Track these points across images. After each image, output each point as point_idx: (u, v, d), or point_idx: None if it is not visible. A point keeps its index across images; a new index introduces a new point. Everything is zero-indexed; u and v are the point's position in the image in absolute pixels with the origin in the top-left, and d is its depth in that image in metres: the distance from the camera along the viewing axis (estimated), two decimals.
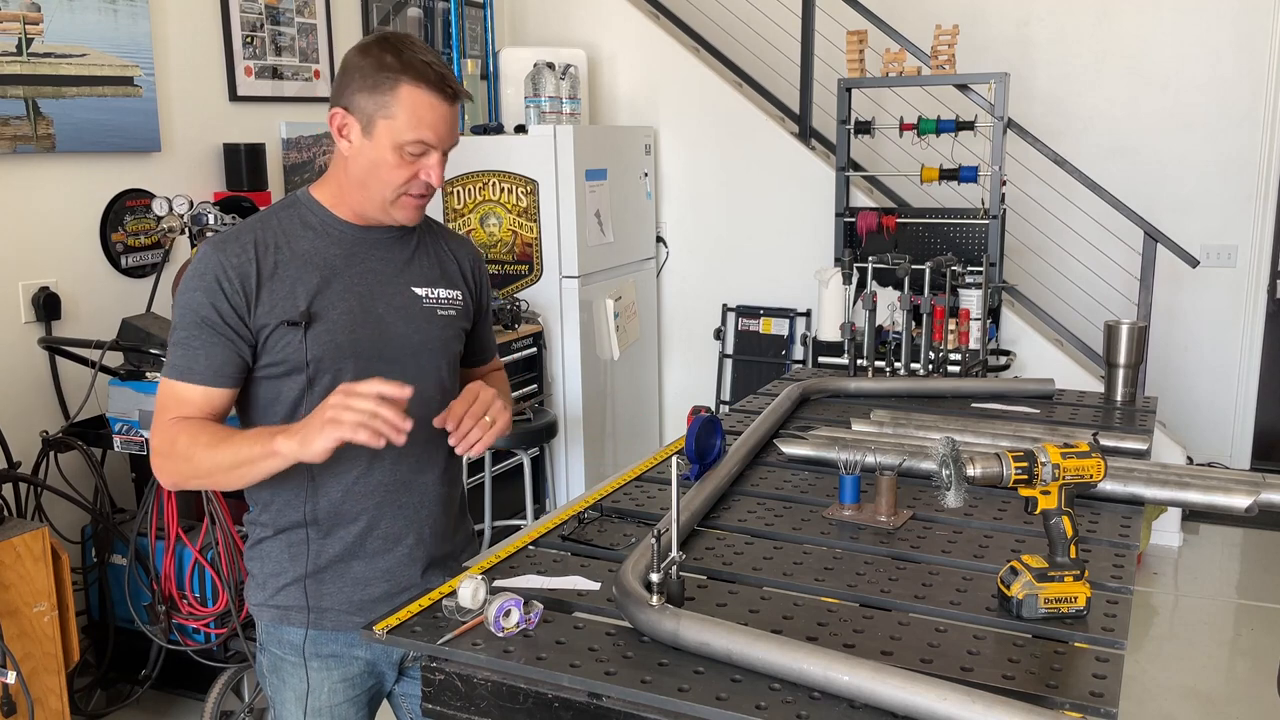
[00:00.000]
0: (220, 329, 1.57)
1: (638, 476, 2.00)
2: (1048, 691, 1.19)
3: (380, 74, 1.56)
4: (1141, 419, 2.36)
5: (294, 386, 1.61)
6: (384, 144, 1.58)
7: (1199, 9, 4.88)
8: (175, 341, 1.59)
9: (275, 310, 1.59)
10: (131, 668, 3.04)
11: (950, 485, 1.40)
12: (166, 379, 1.60)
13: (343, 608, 1.67)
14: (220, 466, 1.53)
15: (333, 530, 1.66)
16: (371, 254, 1.69)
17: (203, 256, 1.59)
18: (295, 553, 1.67)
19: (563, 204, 4.25)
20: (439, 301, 1.74)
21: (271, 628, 1.70)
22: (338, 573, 1.67)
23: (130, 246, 3.41)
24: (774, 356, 4.96)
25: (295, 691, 1.69)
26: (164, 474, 1.60)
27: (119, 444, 2.97)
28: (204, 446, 1.53)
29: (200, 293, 1.57)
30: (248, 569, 1.73)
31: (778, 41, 5.14)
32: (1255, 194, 4.93)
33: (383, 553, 1.69)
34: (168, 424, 1.58)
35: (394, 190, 1.61)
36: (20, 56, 3.02)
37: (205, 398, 1.58)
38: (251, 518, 1.71)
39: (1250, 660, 3.61)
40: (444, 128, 1.59)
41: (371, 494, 1.66)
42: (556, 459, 4.42)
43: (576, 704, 1.22)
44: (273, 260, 1.60)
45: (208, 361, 1.57)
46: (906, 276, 3.18)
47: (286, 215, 1.67)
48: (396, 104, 1.56)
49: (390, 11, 4.52)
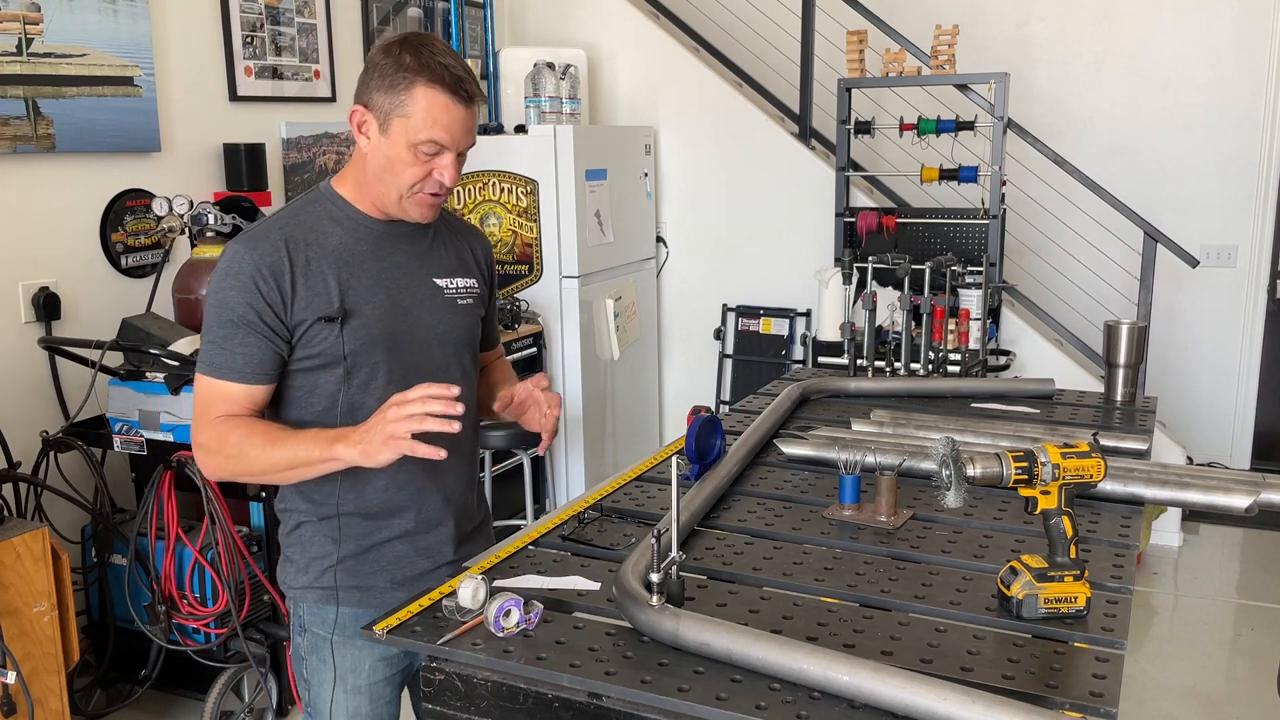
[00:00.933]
0: (258, 327, 1.60)
1: (638, 476, 2.00)
2: (1048, 691, 1.19)
3: (398, 73, 1.59)
4: (1141, 419, 2.36)
5: (331, 379, 1.66)
6: (399, 142, 1.61)
7: (1199, 9, 4.88)
8: (212, 340, 1.61)
9: (311, 306, 1.62)
10: (131, 668, 3.04)
11: (950, 485, 1.40)
12: (204, 376, 1.62)
13: (385, 585, 1.73)
14: (275, 466, 1.57)
15: (375, 516, 1.72)
16: (396, 247, 1.73)
17: (234, 255, 1.62)
18: (337, 536, 1.72)
19: (563, 204, 4.25)
20: (459, 291, 1.79)
21: (315, 609, 1.74)
22: (380, 553, 1.73)
23: (130, 246, 3.41)
24: (774, 356, 4.96)
25: (336, 670, 1.73)
26: (209, 468, 1.64)
27: (119, 444, 2.97)
28: (259, 446, 1.57)
29: (235, 292, 1.60)
30: (285, 554, 1.77)
31: (778, 41, 5.14)
32: (1255, 194, 4.93)
33: (423, 533, 1.75)
34: (214, 421, 1.61)
35: (408, 188, 1.64)
36: (20, 56, 3.02)
37: (247, 394, 1.62)
38: (288, 504, 1.75)
39: (1250, 660, 3.61)
40: (458, 129, 1.62)
41: (412, 481, 1.73)
42: (556, 459, 4.42)
43: (576, 704, 1.22)
44: (304, 257, 1.64)
45: (246, 360, 1.60)
46: (906, 276, 3.18)
47: (312, 211, 1.70)
48: (412, 103, 1.58)
49: (390, 11, 4.52)
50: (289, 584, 1.76)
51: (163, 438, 2.92)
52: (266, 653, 2.95)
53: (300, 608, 1.76)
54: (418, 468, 1.71)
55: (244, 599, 2.88)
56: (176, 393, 2.88)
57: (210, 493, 2.80)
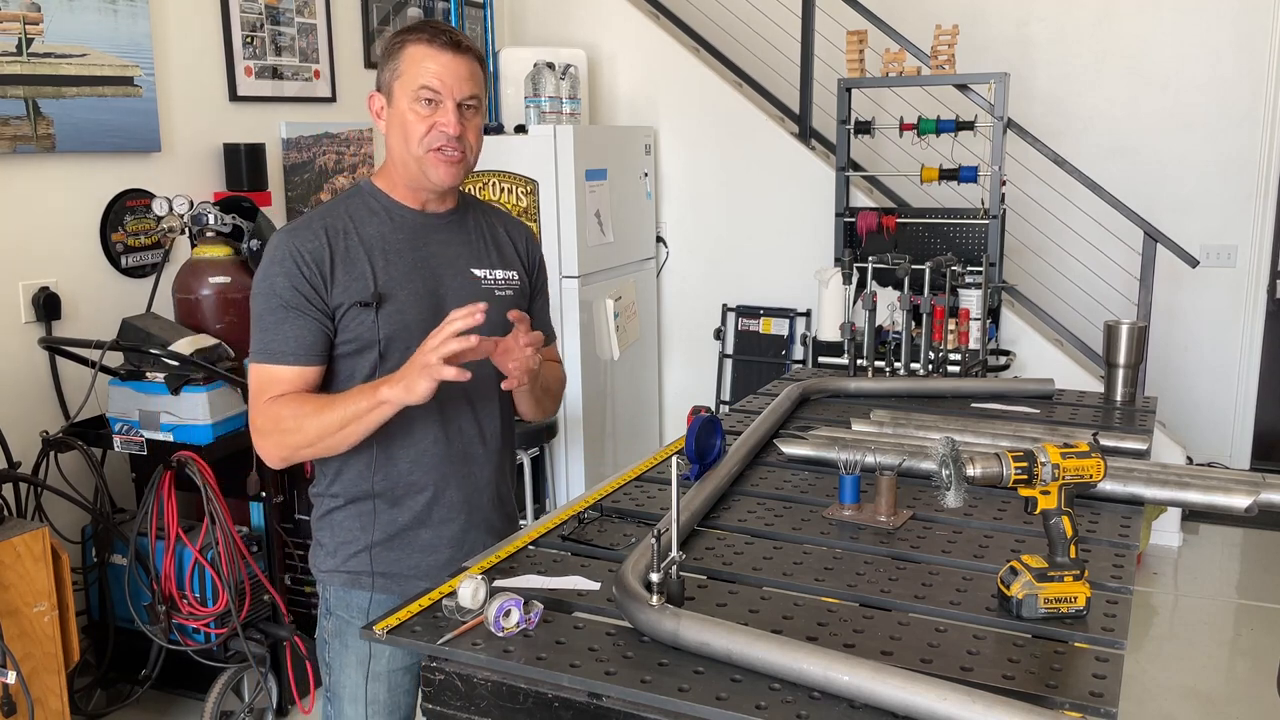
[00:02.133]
0: (304, 308, 1.65)
1: (638, 476, 2.00)
2: (1048, 691, 1.19)
3: (390, 45, 1.71)
4: (1141, 419, 2.36)
5: (367, 363, 1.70)
6: (401, 104, 1.69)
7: (1199, 9, 4.88)
8: (263, 327, 1.67)
9: (349, 291, 1.68)
10: (131, 668, 3.04)
11: (950, 485, 1.40)
12: (257, 364, 1.67)
13: (411, 573, 1.76)
14: (330, 428, 1.62)
15: (401, 500, 1.75)
16: (433, 237, 1.78)
17: (277, 244, 1.69)
18: (365, 522, 1.76)
19: (563, 204, 4.25)
20: (497, 282, 1.83)
21: (341, 592, 1.78)
22: (407, 540, 1.77)
23: (130, 246, 3.41)
24: (774, 356, 4.96)
25: (358, 655, 1.76)
26: (269, 451, 1.68)
27: (119, 444, 2.97)
28: (310, 415, 1.62)
29: (280, 276, 1.66)
30: (316, 539, 1.81)
31: (778, 41, 5.14)
32: (1255, 194, 4.93)
33: (449, 520, 1.79)
34: (265, 404, 1.66)
35: (419, 146, 1.69)
36: (20, 56, 3.02)
37: (299, 376, 1.67)
38: (320, 489, 1.80)
39: (1250, 660, 3.61)
40: (448, 75, 1.68)
41: (437, 465, 1.76)
42: (556, 459, 4.42)
43: (576, 704, 1.22)
44: (344, 244, 1.70)
45: (297, 341, 1.66)
46: (906, 276, 3.18)
47: (352, 203, 1.76)
48: (403, 61, 1.68)
49: (390, 11, 4.52)
50: (318, 567, 1.80)
51: (163, 438, 2.92)
52: (266, 653, 2.96)
53: (328, 591, 1.80)
54: (444, 450, 1.76)
55: (244, 599, 2.88)
56: (177, 393, 2.88)
57: (210, 493, 2.80)
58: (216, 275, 3.15)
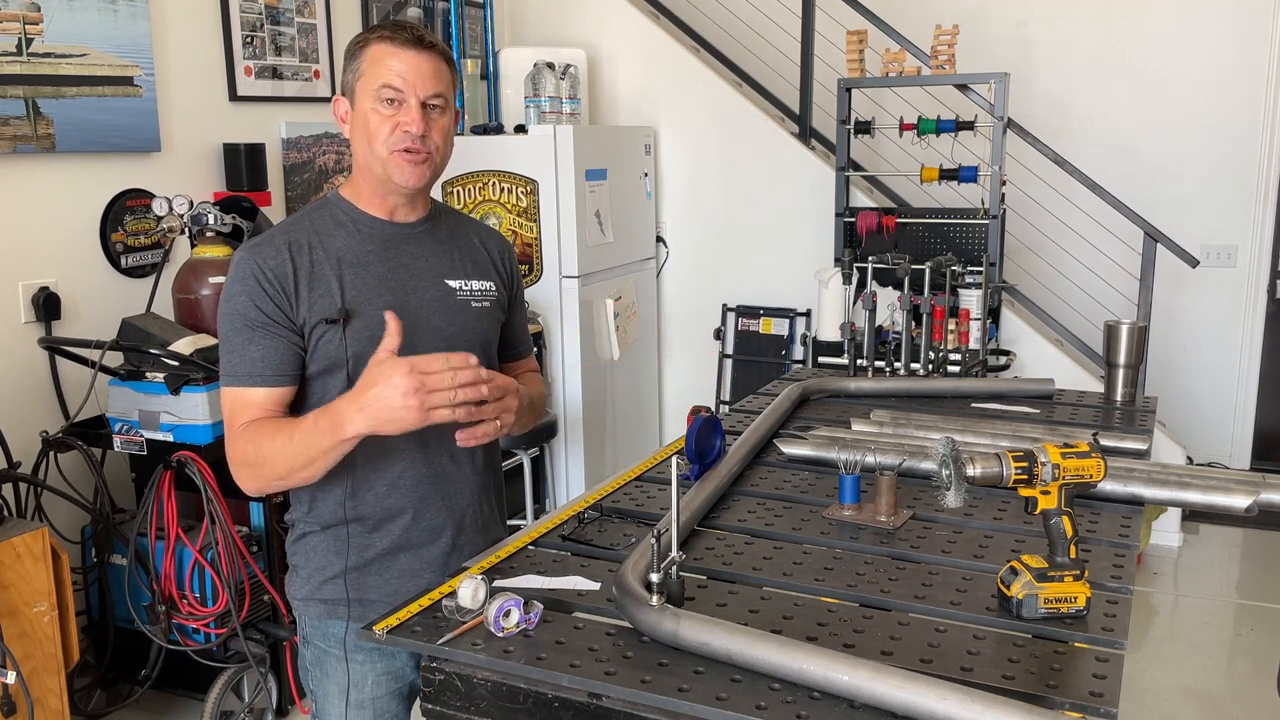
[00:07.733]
0: (269, 326, 1.58)
1: (638, 476, 2.00)
2: (1048, 691, 1.19)
3: (352, 45, 1.66)
4: (1141, 419, 2.36)
5: (336, 384, 1.63)
6: (364, 105, 1.63)
7: (1199, 9, 4.88)
8: (228, 349, 1.60)
9: (315, 308, 1.61)
10: (131, 668, 3.04)
11: (950, 485, 1.40)
12: (227, 388, 1.60)
13: (388, 600, 1.67)
14: (296, 464, 1.53)
15: (377, 525, 1.69)
16: (404, 248, 1.70)
17: (238, 262, 1.61)
18: (340, 547, 1.69)
19: (563, 204, 4.25)
20: (473, 293, 1.75)
21: (316, 621, 1.72)
22: (383, 565, 1.70)
23: (130, 246, 3.41)
24: (774, 356, 4.96)
25: (339, 685, 1.70)
26: (245, 484, 1.61)
27: (119, 444, 2.97)
28: (280, 449, 1.53)
29: (242, 296, 1.59)
30: (291, 564, 1.75)
31: (778, 41, 5.14)
32: (1255, 194, 4.93)
33: (427, 544, 1.72)
34: (238, 432, 1.59)
35: (383, 147, 1.62)
36: (20, 56, 3.02)
37: (269, 398, 1.59)
38: (295, 515, 1.73)
39: (1250, 660, 3.60)
40: (410, 73, 1.61)
41: (414, 488, 1.69)
42: (556, 459, 4.42)
43: (576, 704, 1.22)
44: (308, 259, 1.63)
45: (264, 362, 1.59)
46: (906, 276, 3.18)
47: (318, 216, 1.69)
48: (364, 61, 1.63)
49: (390, 11, 4.52)
50: (293, 595, 1.74)
51: (163, 438, 2.92)
52: (266, 653, 2.96)
53: (304, 620, 1.74)
54: (420, 472, 1.69)
55: (244, 599, 2.88)
56: (176, 393, 2.88)
57: (210, 493, 2.80)
58: (216, 275, 3.15)
